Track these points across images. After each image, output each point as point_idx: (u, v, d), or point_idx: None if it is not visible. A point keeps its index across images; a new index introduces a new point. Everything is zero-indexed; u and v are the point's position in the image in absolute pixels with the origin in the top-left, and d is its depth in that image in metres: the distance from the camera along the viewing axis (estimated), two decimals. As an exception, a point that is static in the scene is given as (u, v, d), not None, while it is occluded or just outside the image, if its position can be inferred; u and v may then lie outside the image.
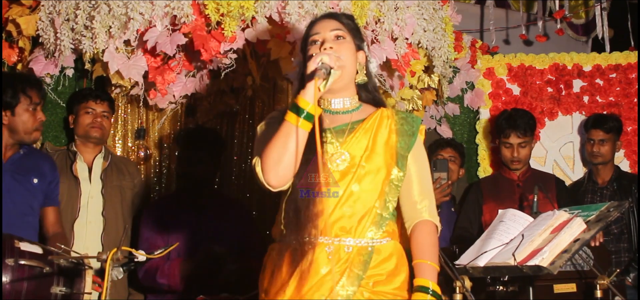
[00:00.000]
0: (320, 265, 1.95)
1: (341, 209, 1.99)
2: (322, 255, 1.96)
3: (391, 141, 2.09)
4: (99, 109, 3.40)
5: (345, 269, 1.96)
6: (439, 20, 3.51)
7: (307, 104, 1.87)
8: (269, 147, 1.91)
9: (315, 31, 2.08)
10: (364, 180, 2.02)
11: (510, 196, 3.75)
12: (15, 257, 2.31)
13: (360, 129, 2.07)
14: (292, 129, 1.88)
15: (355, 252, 1.99)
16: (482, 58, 4.51)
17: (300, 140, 1.89)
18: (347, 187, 2.00)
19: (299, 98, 1.88)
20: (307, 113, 1.87)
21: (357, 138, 2.06)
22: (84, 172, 3.40)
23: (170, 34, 3.04)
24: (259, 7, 3.00)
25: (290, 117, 1.89)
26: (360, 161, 2.02)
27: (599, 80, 4.51)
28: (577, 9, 6.08)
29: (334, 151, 2.03)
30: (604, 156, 3.99)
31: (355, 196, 2.00)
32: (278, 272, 1.99)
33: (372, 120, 2.09)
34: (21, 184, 2.94)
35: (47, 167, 3.08)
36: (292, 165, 1.90)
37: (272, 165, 1.90)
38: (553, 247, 2.38)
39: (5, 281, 2.29)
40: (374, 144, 2.06)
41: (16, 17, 3.26)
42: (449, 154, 3.99)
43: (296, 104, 1.89)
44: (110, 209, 3.39)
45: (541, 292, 2.78)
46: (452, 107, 4.34)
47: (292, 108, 1.89)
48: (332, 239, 1.97)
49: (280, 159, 1.89)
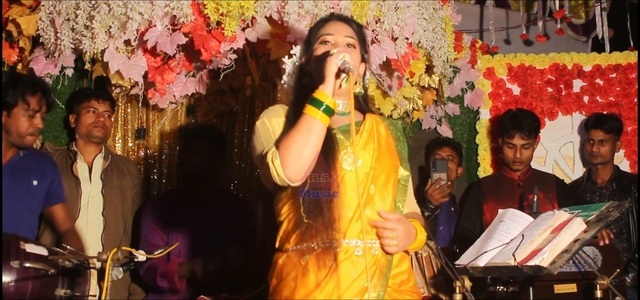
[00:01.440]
0: (350, 267, 1.94)
1: (364, 211, 1.97)
2: (352, 258, 1.95)
3: (391, 143, 2.12)
4: (101, 108, 3.40)
5: (375, 270, 1.97)
6: (439, 20, 3.51)
7: (327, 97, 1.85)
8: (288, 140, 1.85)
9: (329, 32, 2.06)
10: (379, 181, 2.03)
11: (511, 196, 3.76)
12: (21, 259, 2.30)
13: (364, 130, 2.07)
14: (313, 123, 1.84)
15: (381, 253, 2.00)
16: (482, 58, 4.51)
17: (320, 134, 1.86)
18: (364, 189, 2.00)
19: (319, 92, 1.86)
20: (326, 106, 1.85)
21: (364, 139, 2.06)
22: (84, 172, 3.40)
23: (170, 34, 3.04)
24: (259, 7, 3.00)
25: (310, 111, 1.85)
26: (372, 162, 2.03)
27: (599, 80, 4.51)
28: (577, 9, 6.08)
29: (345, 151, 2.01)
30: (603, 156, 3.99)
31: (373, 198, 2.01)
32: (303, 279, 1.93)
33: (369, 123, 2.10)
34: (20, 186, 2.93)
35: (48, 167, 3.07)
36: (313, 159, 1.87)
37: (293, 159, 1.84)
38: (553, 247, 2.38)
39: (10, 283, 2.28)
40: (380, 146, 2.07)
41: (16, 17, 3.26)
42: (446, 153, 3.99)
43: (316, 97, 1.86)
44: (111, 209, 3.39)
45: (541, 292, 2.78)
46: (452, 107, 4.34)
47: (311, 101, 1.86)
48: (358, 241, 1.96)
49: (301, 153, 1.84)
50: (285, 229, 2.01)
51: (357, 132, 2.05)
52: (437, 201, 3.57)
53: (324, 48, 2.03)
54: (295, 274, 1.94)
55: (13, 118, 2.87)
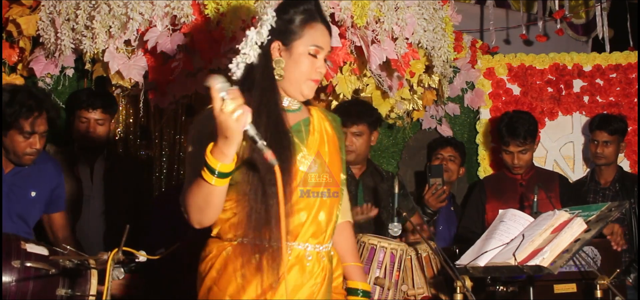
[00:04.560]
0: (301, 272, 1.91)
1: (316, 215, 1.94)
2: (302, 262, 1.91)
3: (337, 144, 2.06)
4: (93, 117, 3.36)
5: (324, 276, 1.95)
6: (439, 20, 3.50)
7: (217, 163, 1.68)
8: (191, 197, 1.77)
9: (319, 43, 1.94)
10: (331, 186, 1.98)
11: (513, 196, 3.76)
12: (22, 259, 2.30)
13: (314, 130, 1.99)
14: (210, 188, 1.72)
15: (328, 258, 1.99)
16: (482, 58, 4.51)
17: (219, 194, 1.75)
18: (318, 192, 1.95)
19: (210, 157, 1.68)
20: (219, 172, 1.69)
21: (315, 139, 1.98)
22: (85, 173, 3.39)
23: (170, 34, 3.04)
24: (259, 7, 3.00)
25: (206, 175, 1.70)
26: (324, 167, 1.97)
27: (599, 80, 4.50)
28: (577, 9, 6.08)
29: (302, 154, 1.94)
30: (607, 158, 3.98)
31: (325, 203, 1.96)
32: (253, 278, 1.85)
33: (317, 120, 2.02)
34: (17, 197, 2.88)
35: (50, 173, 3.00)
36: (216, 215, 1.82)
37: (195, 215, 1.79)
38: (553, 247, 2.38)
39: (11, 283, 2.28)
40: (329, 147, 2.01)
41: (16, 17, 3.26)
42: (449, 153, 3.99)
43: (209, 163, 1.69)
44: (112, 210, 3.38)
45: (541, 292, 2.78)
46: (452, 107, 4.34)
47: (206, 164, 1.69)
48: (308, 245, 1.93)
49: (202, 211, 1.78)
50: (228, 219, 1.90)
51: (310, 132, 1.97)
52: (434, 207, 3.55)
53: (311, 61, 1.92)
54: (243, 271, 1.86)
55: (9, 138, 2.78)
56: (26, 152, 2.79)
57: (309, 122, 2.00)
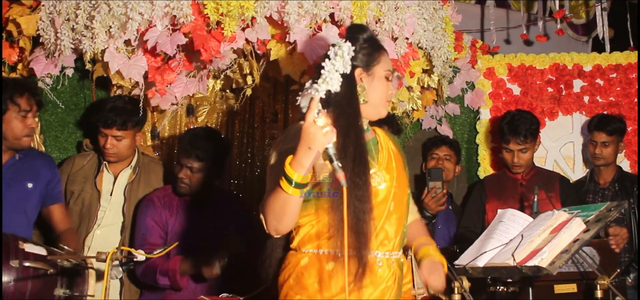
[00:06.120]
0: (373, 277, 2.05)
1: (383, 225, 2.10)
2: (373, 268, 2.05)
3: (402, 159, 2.24)
4: (110, 134, 3.30)
5: (394, 279, 2.11)
6: (439, 20, 3.50)
7: (294, 173, 1.85)
8: (269, 205, 1.95)
9: (390, 67, 2.13)
10: (397, 198, 2.14)
11: (513, 195, 3.75)
12: (20, 259, 2.30)
13: (382, 149, 2.18)
14: (287, 197, 1.89)
15: (397, 265, 2.15)
16: (482, 58, 4.51)
17: (294, 204, 1.92)
18: (386, 205, 2.10)
19: (289, 168, 1.86)
20: (296, 183, 1.86)
21: (384, 157, 2.16)
22: (108, 185, 3.36)
23: (170, 34, 3.04)
24: (259, 7, 3.00)
25: (284, 184, 1.88)
26: (393, 181, 2.13)
27: (599, 80, 4.50)
28: (577, 9, 6.08)
29: (374, 170, 2.09)
30: (606, 158, 3.97)
31: (392, 214, 2.12)
32: (327, 284, 2.01)
33: (383, 139, 2.21)
34: (14, 189, 2.92)
35: (44, 168, 3.06)
36: (291, 224, 2.00)
37: (273, 223, 1.97)
38: (552, 247, 2.38)
39: (10, 283, 2.28)
40: (397, 164, 2.18)
41: (16, 17, 3.26)
42: (444, 153, 3.98)
43: (287, 173, 1.86)
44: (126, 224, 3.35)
45: (541, 293, 2.78)
46: (453, 107, 4.34)
47: (285, 174, 1.87)
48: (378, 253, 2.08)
49: (279, 219, 1.95)
50: (307, 232, 2.07)
51: (379, 151, 2.16)
52: (433, 210, 3.56)
53: (386, 84, 2.10)
54: (318, 277, 2.03)
55: (6, 123, 2.87)
56: (25, 133, 2.92)
57: (376, 141, 2.19)
